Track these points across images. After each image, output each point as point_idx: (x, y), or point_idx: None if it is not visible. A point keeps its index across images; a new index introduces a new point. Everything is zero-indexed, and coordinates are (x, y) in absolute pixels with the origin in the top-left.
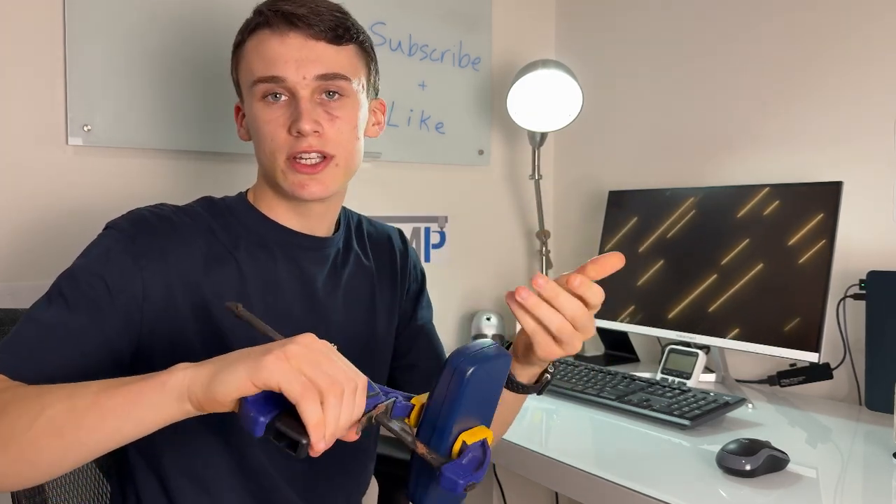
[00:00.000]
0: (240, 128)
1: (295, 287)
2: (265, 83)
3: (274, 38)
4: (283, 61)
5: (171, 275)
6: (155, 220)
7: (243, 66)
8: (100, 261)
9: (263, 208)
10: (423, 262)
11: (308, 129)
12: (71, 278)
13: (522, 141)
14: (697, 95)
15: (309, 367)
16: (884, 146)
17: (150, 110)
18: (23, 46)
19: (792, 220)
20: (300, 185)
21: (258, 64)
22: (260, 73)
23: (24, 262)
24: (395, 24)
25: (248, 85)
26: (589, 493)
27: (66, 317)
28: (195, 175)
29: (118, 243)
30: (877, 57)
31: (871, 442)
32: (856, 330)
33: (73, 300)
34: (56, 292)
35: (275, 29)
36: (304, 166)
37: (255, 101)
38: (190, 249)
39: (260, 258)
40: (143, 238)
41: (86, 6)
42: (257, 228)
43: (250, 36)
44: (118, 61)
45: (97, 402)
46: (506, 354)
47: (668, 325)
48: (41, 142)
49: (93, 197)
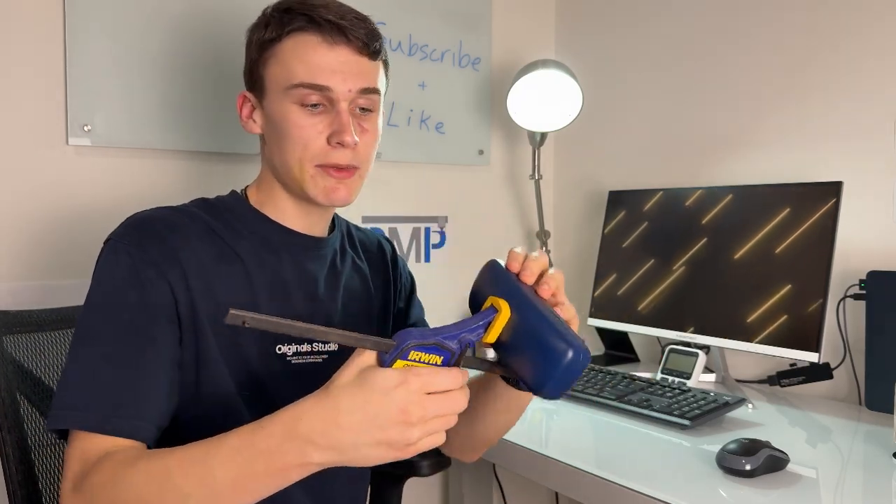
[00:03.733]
0: (248, 119)
1: (299, 287)
2: (308, 89)
3: (323, 45)
4: (331, 71)
5: (188, 275)
6: (156, 223)
7: (277, 66)
8: (127, 284)
9: (268, 207)
10: (424, 262)
11: (352, 143)
12: (107, 311)
13: (522, 141)
14: (697, 95)
15: (432, 420)
16: (884, 146)
17: (150, 110)
18: (23, 46)
19: (792, 220)
20: (332, 189)
21: (301, 68)
22: (303, 78)
23: (25, 262)
24: (395, 24)
25: (283, 86)
26: (589, 493)
27: (130, 353)
28: (195, 175)
29: (131, 257)
30: (877, 57)
31: (871, 442)
32: (856, 330)
33: (122, 333)
34: (98, 331)
35: (325, 37)
36: (338, 171)
37: (288, 103)
38: (195, 249)
39: (265, 257)
40: (152, 244)
41: (86, 6)
42: (259, 228)
43: (289, 35)
44: (118, 61)
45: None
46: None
47: (668, 325)
48: (42, 142)
49: (93, 197)
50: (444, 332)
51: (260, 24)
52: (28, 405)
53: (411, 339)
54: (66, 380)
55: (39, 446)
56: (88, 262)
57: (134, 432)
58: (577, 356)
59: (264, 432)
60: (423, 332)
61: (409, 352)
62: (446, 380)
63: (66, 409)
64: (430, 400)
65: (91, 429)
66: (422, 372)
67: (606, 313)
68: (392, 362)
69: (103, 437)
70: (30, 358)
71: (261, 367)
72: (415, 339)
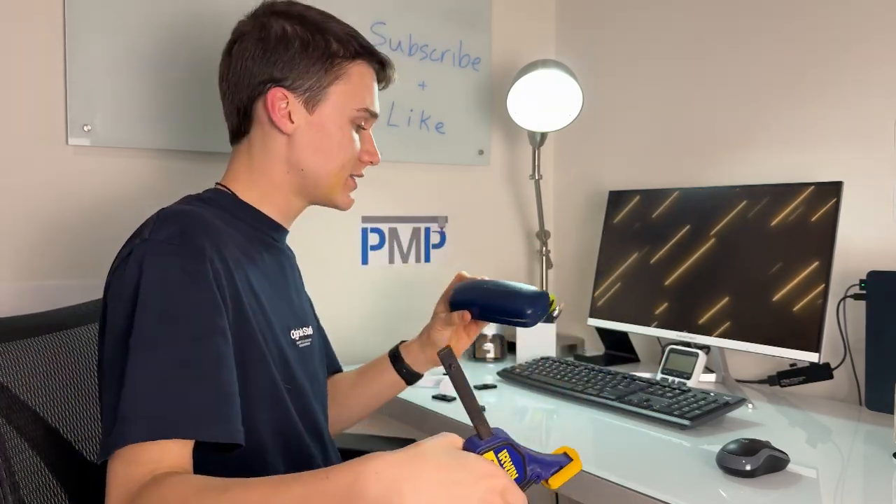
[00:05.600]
0: (284, 117)
1: (289, 273)
2: (368, 115)
3: (379, 80)
4: (378, 102)
5: (232, 268)
6: (193, 218)
7: (347, 87)
8: (183, 285)
9: (260, 200)
10: (424, 262)
11: (378, 161)
12: (171, 315)
13: (522, 141)
14: (697, 95)
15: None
16: (884, 146)
17: (150, 110)
18: (23, 46)
19: (792, 220)
20: (351, 198)
21: (369, 98)
22: (370, 106)
23: (25, 262)
24: (395, 24)
25: (350, 106)
26: (589, 493)
27: (208, 356)
28: (196, 175)
29: (179, 256)
30: (877, 57)
31: (871, 442)
32: (856, 330)
33: (194, 336)
34: (166, 337)
35: (380, 73)
36: (353, 182)
37: (347, 121)
38: (227, 242)
39: (270, 249)
40: (197, 239)
41: (86, 6)
42: (259, 224)
43: (358, 61)
44: (118, 61)
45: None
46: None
47: (668, 325)
48: (42, 142)
49: (93, 197)
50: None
51: (319, 38)
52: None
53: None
54: (140, 388)
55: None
56: (89, 262)
57: (231, 434)
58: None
59: (329, 486)
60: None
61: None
62: (519, 497)
63: (147, 419)
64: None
65: (188, 436)
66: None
67: (606, 313)
68: (485, 451)
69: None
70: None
71: (290, 354)
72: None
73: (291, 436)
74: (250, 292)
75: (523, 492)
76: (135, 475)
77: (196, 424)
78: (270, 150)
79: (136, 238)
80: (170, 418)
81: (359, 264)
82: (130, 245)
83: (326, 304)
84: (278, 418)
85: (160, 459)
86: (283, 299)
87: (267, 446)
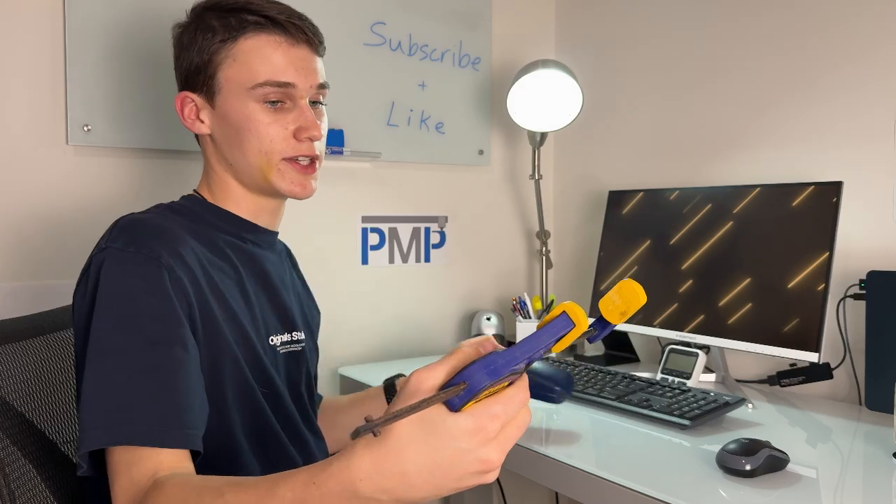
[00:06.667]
0: (194, 120)
1: (275, 278)
2: (272, 87)
3: (284, 45)
4: (294, 69)
5: (196, 275)
6: (151, 226)
7: (235, 66)
8: (142, 290)
9: (228, 202)
10: (424, 262)
11: (319, 136)
12: (128, 322)
13: (522, 141)
14: (697, 95)
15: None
16: (884, 146)
17: (150, 110)
18: (23, 47)
19: (792, 220)
20: (300, 184)
21: (264, 68)
22: (268, 77)
23: (24, 262)
24: (395, 24)
25: (244, 86)
26: (589, 493)
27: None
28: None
29: (139, 264)
30: (877, 57)
31: (871, 442)
32: (856, 330)
33: (150, 342)
34: (123, 343)
35: (286, 36)
36: (302, 167)
37: (251, 101)
38: (193, 248)
39: (245, 251)
40: (156, 246)
41: (86, 6)
42: (230, 225)
43: (245, 36)
44: (119, 61)
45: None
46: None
47: (668, 325)
48: (41, 142)
49: (93, 197)
50: (515, 359)
51: (202, 27)
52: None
53: (485, 382)
54: (97, 397)
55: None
56: None
57: (186, 442)
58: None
59: (319, 492)
60: (495, 366)
61: (481, 390)
62: (521, 406)
63: (102, 428)
64: (509, 436)
65: (139, 442)
66: (498, 413)
67: None
68: (463, 406)
69: (150, 452)
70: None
71: (267, 359)
72: (488, 379)
73: (268, 438)
74: (218, 295)
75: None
76: (137, 477)
77: (148, 431)
78: (207, 153)
79: (96, 248)
80: (124, 426)
81: (359, 264)
82: (91, 255)
83: (326, 305)
84: (252, 420)
85: (160, 461)
86: (262, 302)
87: (241, 448)
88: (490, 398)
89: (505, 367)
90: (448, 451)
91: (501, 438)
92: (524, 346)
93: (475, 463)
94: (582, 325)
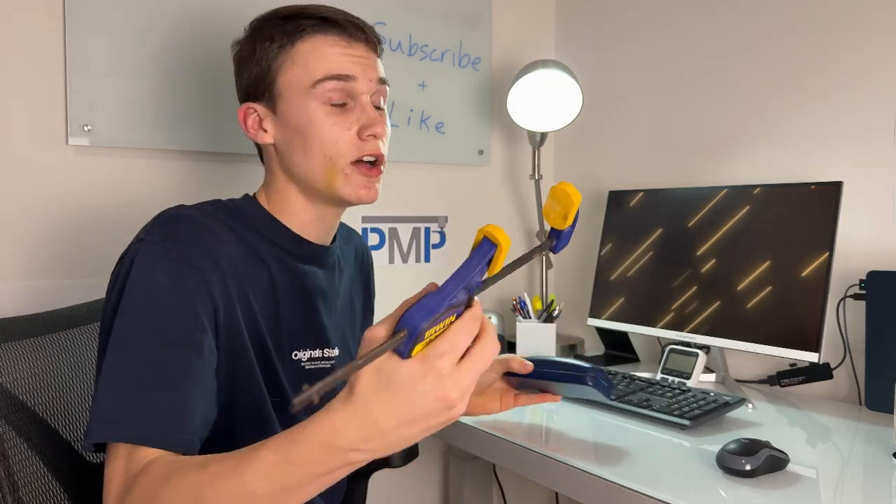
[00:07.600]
0: (258, 130)
1: (316, 294)
2: (333, 81)
3: (341, 42)
4: (353, 63)
5: (226, 278)
6: (191, 223)
7: (294, 68)
8: (169, 289)
9: (283, 216)
10: (424, 262)
11: (383, 133)
12: (149, 318)
13: (522, 141)
14: (697, 95)
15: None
16: (884, 146)
17: (150, 110)
18: (23, 46)
19: (792, 221)
20: (366, 186)
21: (322, 64)
22: (327, 72)
23: (24, 262)
24: (395, 24)
25: (304, 86)
26: (589, 493)
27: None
28: (196, 175)
29: (171, 261)
30: (877, 57)
31: (871, 442)
32: (856, 330)
33: (167, 342)
34: (140, 339)
35: (343, 34)
36: (368, 168)
37: (312, 102)
38: (228, 251)
39: (286, 264)
40: (191, 245)
41: (86, 5)
42: (277, 235)
43: (302, 39)
44: (118, 61)
45: (279, 495)
46: None
47: (668, 325)
48: (41, 142)
49: (93, 197)
50: (448, 293)
51: (260, 37)
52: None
53: (422, 323)
54: (107, 390)
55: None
56: (89, 262)
57: (181, 445)
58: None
59: (299, 448)
60: (429, 304)
61: (424, 334)
62: (468, 336)
63: (108, 423)
64: (465, 369)
65: (139, 442)
66: (445, 350)
67: (606, 313)
68: (410, 352)
69: (147, 450)
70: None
71: (285, 372)
72: (425, 319)
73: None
74: (245, 302)
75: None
76: (131, 468)
77: (146, 432)
78: (270, 163)
79: (135, 237)
80: (124, 424)
81: None
82: (130, 244)
83: None
84: (261, 433)
85: (151, 452)
86: (295, 316)
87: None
88: (438, 337)
89: (439, 304)
90: (407, 397)
91: (456, 374)
92: (455, 277)
93: (435, 402)
94: (504, 244)
